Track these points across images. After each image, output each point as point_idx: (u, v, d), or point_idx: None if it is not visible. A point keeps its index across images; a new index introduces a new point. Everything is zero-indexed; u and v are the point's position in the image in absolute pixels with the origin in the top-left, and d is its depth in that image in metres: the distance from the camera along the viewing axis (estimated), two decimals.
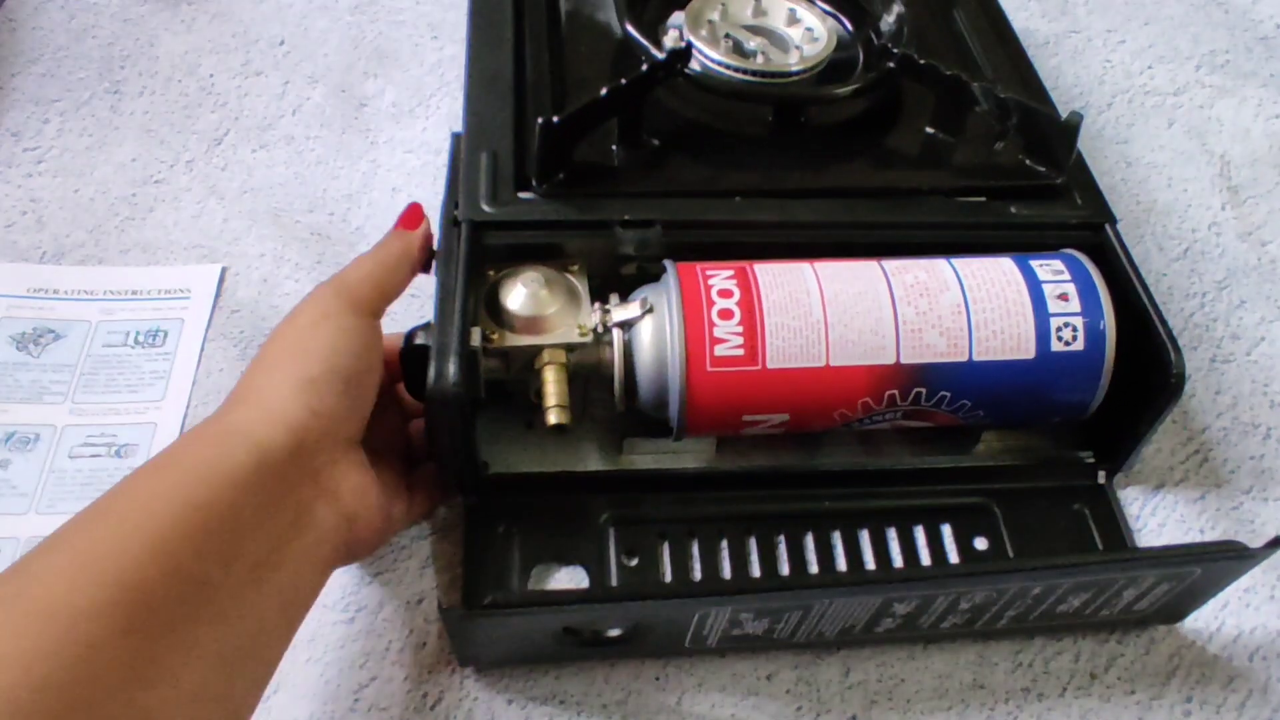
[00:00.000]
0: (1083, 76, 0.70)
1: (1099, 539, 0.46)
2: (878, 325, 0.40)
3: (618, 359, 0.41)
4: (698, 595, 0.38)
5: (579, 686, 0.42)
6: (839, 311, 0.40)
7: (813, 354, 0.40)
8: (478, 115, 0.48)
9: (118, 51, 0.66)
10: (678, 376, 0.39)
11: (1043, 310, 0.41)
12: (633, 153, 0.48)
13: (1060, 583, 0.38)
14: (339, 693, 0.42)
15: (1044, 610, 0.41)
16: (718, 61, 0.49)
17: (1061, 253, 0.45)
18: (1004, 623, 0.42)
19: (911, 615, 0.40)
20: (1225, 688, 0.44)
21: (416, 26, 0.69)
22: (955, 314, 0.41)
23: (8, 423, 0.49)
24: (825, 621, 0.39)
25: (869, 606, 0.39)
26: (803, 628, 0.40)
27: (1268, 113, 0.68)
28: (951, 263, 0.43)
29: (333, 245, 0.57)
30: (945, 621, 0.41)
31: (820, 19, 0.53)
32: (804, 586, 0.39)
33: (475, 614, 0.37)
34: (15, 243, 0.56)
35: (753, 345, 0.40)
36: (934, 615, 0.40)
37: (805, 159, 0.49)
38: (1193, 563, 0.39)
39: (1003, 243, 0.46)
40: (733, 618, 0.38)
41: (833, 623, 0.40)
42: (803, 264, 0.42)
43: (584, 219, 0.44)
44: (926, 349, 0.40)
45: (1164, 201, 0.62)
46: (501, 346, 0.41)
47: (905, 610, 0.39)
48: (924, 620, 0.40)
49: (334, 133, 0.63)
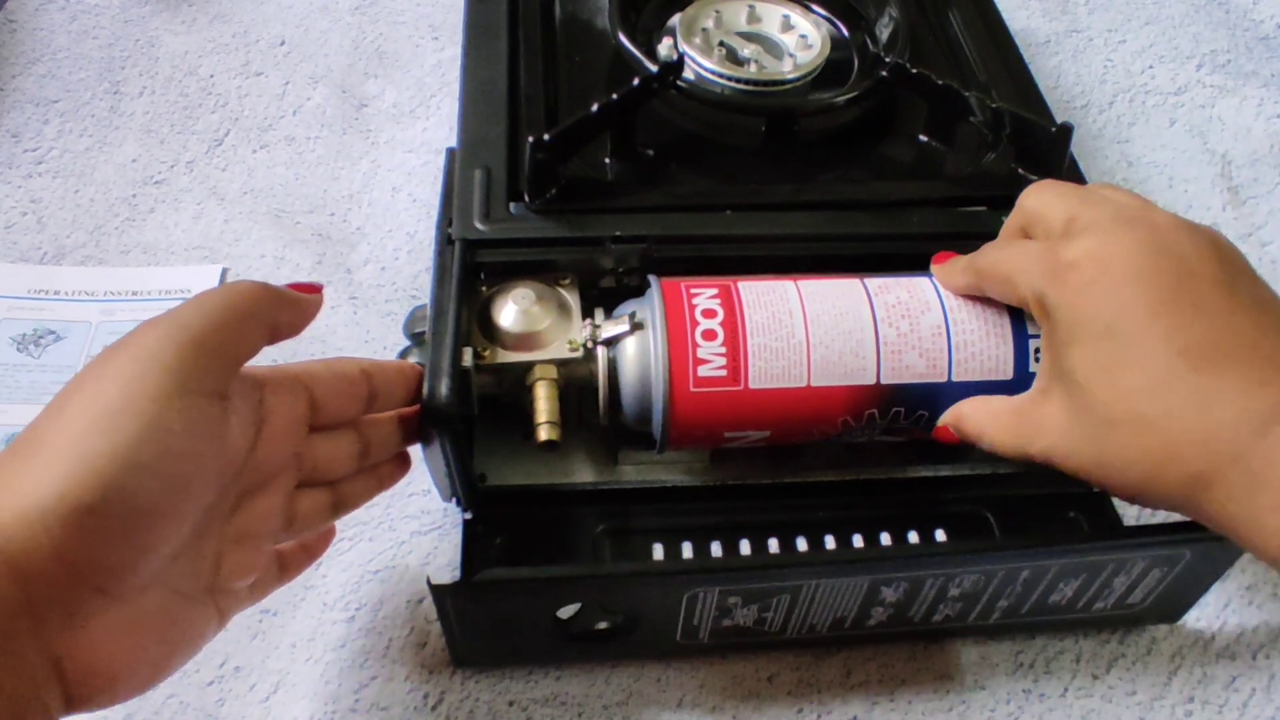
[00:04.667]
0: (1083, 76, 0.70)
1: None
2: (859, 346, 0.41)
3: (602, 376, 0.41)
4: (684, 572, 0.39)
5: (580, 687, 0.42)
6: (821, 332, 0.41)
7: (794, 374, 0.40)
8: (471, 131, 0.48)
9: (118, 52, 0.66)
10: (661, 396, 0.40)
11: (1021, 331, 0.42)
12: (625, 165, 0.48)
13: (1048, 564, 0.39)
14: (339, 692, 0.42)
15: (1035, 602, 0.41)
16: (711, 71, 0.49)
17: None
18: (997, 616, 0.42)
19: (901, 605, 0.40)
20: (1227, 688, 0.44)
21: (417, 27, 0.69)
22: (935, 335, 0.41)
23: (8, 423, 0.49)
24: (815, 610, 0.40)
25: (857, 593, 0.39)
26: (794, 619, 0.40)
27: (1268, 112, 0.68)
28: (934, 281, 0.43)
29: (333, 245, 0.57)
30: (937, 613, 0.41)
31: (814, 25, 0.53)
32: (790, 565, 0.39)
33: (463, 587, 0.37)
34: (15, 243, 0.56)
35: (735, 366, 0.40)
36: (924, 605, 0.40)
37: (797, 170, 0.50)
38: (1181, 544, 0.39)
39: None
40: (721, 603, 0.38)
41: (823, 612, 0.40)
42: (786, 282, 0.43)
43: (576, 235, 0.44)
44: (906, 370, 0.41)
45: (1164, 201, 0.62)
46: (493, 363, 0.41)
47: (894, 597, 0.39)
48: (915, 611, 0.41)
49: (334, 133, 0.63)
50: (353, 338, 0.53)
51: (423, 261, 0.56)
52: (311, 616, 0.44)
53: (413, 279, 0.56)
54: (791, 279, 0.43)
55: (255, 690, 0.42)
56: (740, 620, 0.40)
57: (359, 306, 0.55)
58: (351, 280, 0.56)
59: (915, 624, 0.42)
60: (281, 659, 0.42)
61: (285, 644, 0.43)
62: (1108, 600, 0.42)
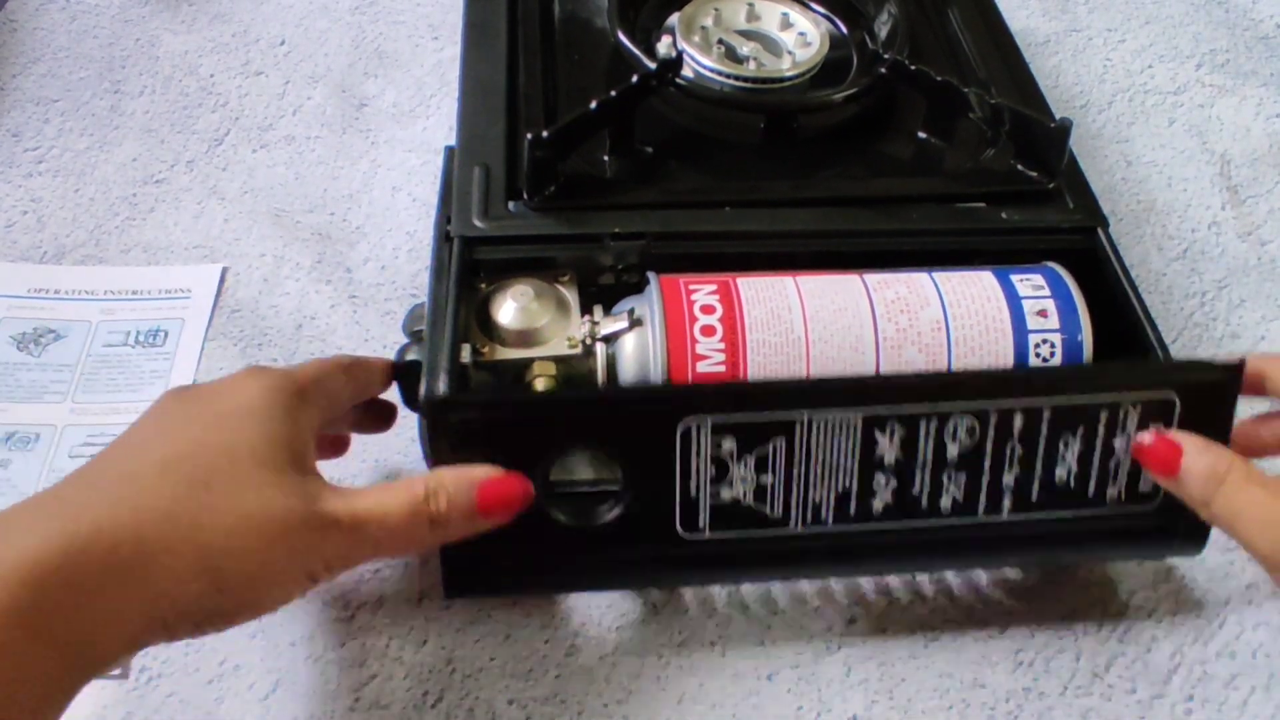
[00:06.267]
0: (1083, 75, 0.70)
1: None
2: (858, 342, 0.41)
3: (601, 373, 0.41)
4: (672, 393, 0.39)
5: (579, 686, 0.42)
6: (820, 328, 0.41)
7: (794, 370, 0.40)
8: (470, 129, 0.48)
9: (118, 52, 0.66)
10: None
11: (1021, 327, 0.42)
12: (624, 162, 0.48)
13: (1039, 405, 0.38)
14: (339, 691, 0.42)
15: (1042, 481, 0.40)
16: (710, 68, 0.50)
17: (1043, 266, 0.45)
18: (1008, 505, 0.40)
19: (901, 470, 0.39)
20: (1227, 686, 0.44)
21: (417, 27, 0.69)
22: (935, 330, 0.41)
23: (8, 423, 0.49)
24: (815, 476, 0.38)
25: (854, 442, 0.38)
26: (794, 491, 0.39)
27: (1268, 112, 0.68)
28: (933, 277, 0.43)
29: (333, 245, 0.57)
30: (941, 494, 0.39)
31: (813, 22, 0.54)
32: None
33: (460, 400, 0.37)
34: (16, 243, 0.56)
35: (734, 361, 0.40)
36: (925, 472, 0.39)
37: (797, 166, 0.50)
38: (1164, 385, 0.39)
39: (994, 248, 0.46)
40: (716, 450, 0.37)
41: (824, 480, 0.38)
42: (785, 278, 0.43)
43: (575, 233, 0.44)
44: (905, 365, 0.41)
45: (1164, 201, 0.62)
46: (492, 360, 0.41)
47: (892, 456, 0.38)
48: (918, 486, 0.39)
49: (334, 133, 0.63)
50: (352, 336, 0.53)
51: (422, 260, 0.56)
52: (311, 616, 0.44)
53: (412, 278, 0.56)
54: (790, 275, 0.43)
55: (254, 689, 0.42)
56: (740, 494, 0.39)
57: (359, 306, 0.55)
58: (351, 279, 0.56)
59: (922, 513, 0.40)
60: (281, 658, 0.42)
61: (285, 643, 0.43)
62: (1119, 484, 0.40)
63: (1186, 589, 0.46)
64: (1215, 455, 0.37)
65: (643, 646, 0.43)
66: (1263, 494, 0.35)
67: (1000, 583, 0.46)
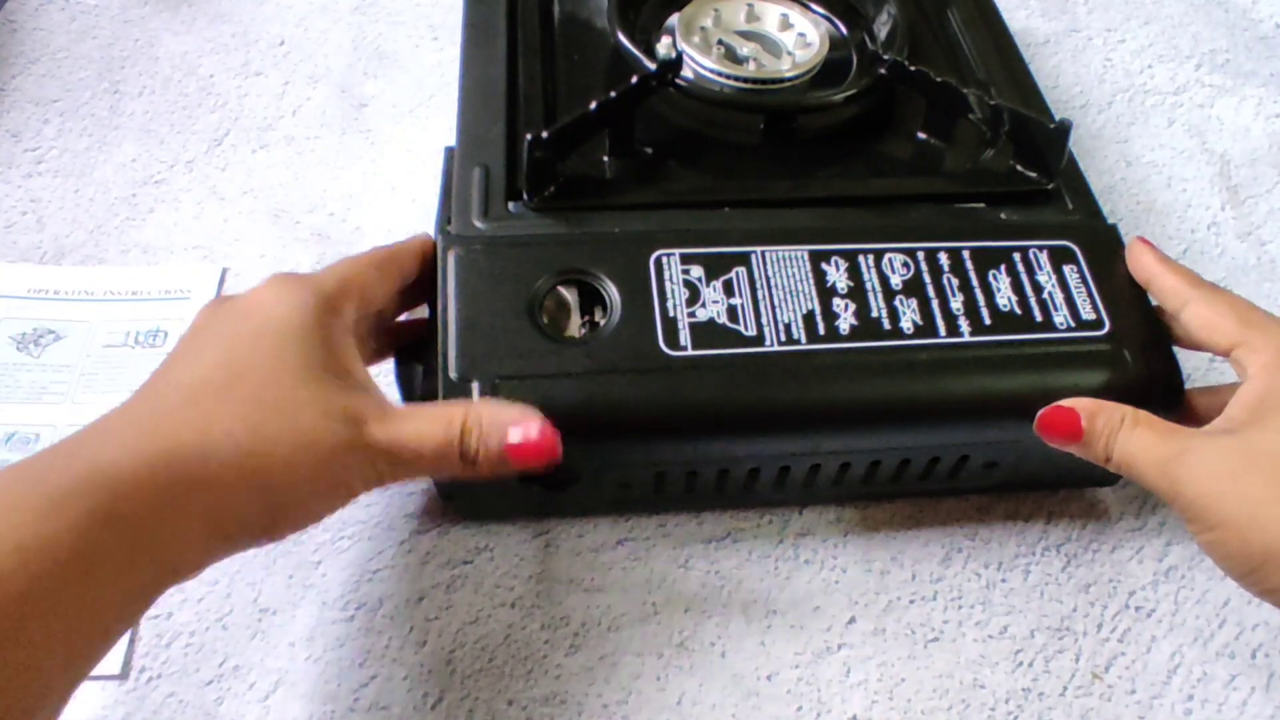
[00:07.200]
0: (1082, 75, 0.70)
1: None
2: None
3: None
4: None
5: (579, 686, 0.42)
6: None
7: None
8: (470, 130, 0.48)
9: (118, 52, 0.66)
10: None
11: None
12: (624, 163, 0.48)
13: (957, 248, 0.45)
14: (339, 691, 0.42)
15: (990, 306, 0.43)
16: (709, 69, 0.50)
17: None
18: (966, 327, 0.43)
19: (856, 296, 0.43)
20: (1227, 686, 0.44)
21: (416, 27, 0.69)
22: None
23: (8, 423, 0.49)
24: (780, 301, 0.42)
25: (806, 276, 0.43)
26: (763, 314, 0.42)
27: (1268, 112, 0.68)
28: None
29: (333, 245, 0.57)
30: (901, 319, 0.43)
31: (813, 23, 0.54)
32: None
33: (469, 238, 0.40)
34: (15, 243, 0.56)
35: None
36: (878, 297, 0.43)
37: (796, 166, 0.50)
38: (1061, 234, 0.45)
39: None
40: (687, 276, 0.42)
41: (787, 304, 0.42)
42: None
43: (575, 233, 0.44)
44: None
45: (1163, 201, 0.62)
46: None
47: (844, 285, 0.43)
48: (875, 309, 0.43)
49: (334, 133, 0.63)
50: None
51: None
52: (311, 616, 0.44)
53: None
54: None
55: (254, 689, 0.42)
56: (714, 314, 0.42)
57: None
58: None
59: (887, 333, 0.42)
60: (281, 658, 0.42)
61: (284, 643, 0.43)
62: (1062, 312, 0.43)
63: (1186, 589, 0.46)
64: (1108, 412, 0.39)
65: (643, 646, 0.43)
66: (1152, 436, 0.38)
67: (1000, 582, 0.46)
